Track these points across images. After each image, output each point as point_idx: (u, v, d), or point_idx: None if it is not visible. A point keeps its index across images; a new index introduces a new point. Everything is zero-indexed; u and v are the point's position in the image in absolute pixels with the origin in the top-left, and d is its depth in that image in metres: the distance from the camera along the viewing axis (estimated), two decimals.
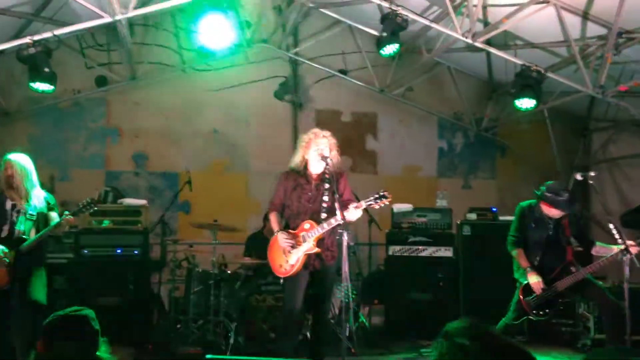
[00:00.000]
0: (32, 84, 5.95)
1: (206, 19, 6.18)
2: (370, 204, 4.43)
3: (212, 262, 6.26)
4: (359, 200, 4.62)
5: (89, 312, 2.51)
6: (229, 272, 6.54)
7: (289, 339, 4.73)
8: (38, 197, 5.09)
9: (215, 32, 6.24)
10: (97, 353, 2.38)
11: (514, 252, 5.20)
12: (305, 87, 8.97)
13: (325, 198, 4.64)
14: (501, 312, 5.28)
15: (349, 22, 8.36)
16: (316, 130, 4.85)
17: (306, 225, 4.60)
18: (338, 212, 4.34)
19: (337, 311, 6.17)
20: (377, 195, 4.41)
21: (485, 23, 6.85)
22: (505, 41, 7.24)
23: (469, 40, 6.34)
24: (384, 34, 6.35)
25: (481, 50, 6.99)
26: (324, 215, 4.60)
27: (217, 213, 7.15)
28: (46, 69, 5.82)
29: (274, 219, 4.79)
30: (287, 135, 8.81)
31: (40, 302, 4.97)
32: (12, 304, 4.93)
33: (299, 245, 4.57)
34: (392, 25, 6.21)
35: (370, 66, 8.67)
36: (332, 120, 8.94)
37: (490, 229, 6.99)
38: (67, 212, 5.01)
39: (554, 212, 5.08)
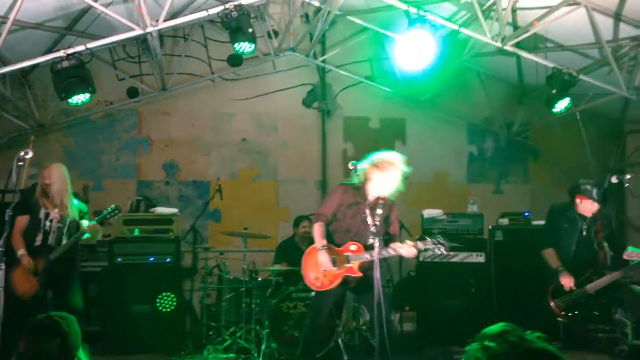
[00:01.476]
0: (70, 98, 5.96)
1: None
2: (428, 250, 4.37)
3: (242, 270, 6.30)
4: (403, 228, 4.53)
5: (71, 316, 2.60)
6: (259, 279, 6.56)
7: (313, 351, 4.68)
8: (71, 206, 5.22)
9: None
10: (78, 354, 2.45)
11: (544, 251, 5.14)
12: (333, 94, 8.99)
13: (376, 223, 4.46)
14: (534, 317, 5.20)
15: (376, 28, 8.36)
16: (401, 159, 4.52)
17: (352, 246, 4.50)
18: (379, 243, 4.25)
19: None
20: (435, 242, 4.31)
21: (515, 26, 6.78)
22: (536, 44, 7.14)
23: (499, 44, 6.28)
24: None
25: (511, 54, 6.92)
26: (370, 240, 4.44)
27: (247, 221, 7.20)
28: (81, 80, 5.91)
29: (319, 229, 4.60)
30: (316, 143, 8.84)
31: (77, 308, 5.07)
32: (47, 310, 5.06)
33: (341, 264, 4.47)
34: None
35: (398, 72, 8.65)
36: (360, 127, 8.95)
37: (523, 234, 6.89)
38: (93, 221, 5.13)
39: (587, 208, 5.02)
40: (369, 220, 4.38)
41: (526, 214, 7.18)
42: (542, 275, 5.26)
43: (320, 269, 4.51)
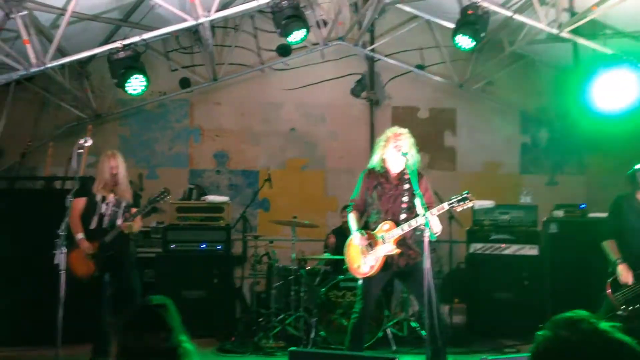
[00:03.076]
0: (126, 86, 6.07)
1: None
2: (453, 206, 4.27)
3: (291, 258, 6.35)
4: (441, 201, 4.51)
5: (167, 300, 2.33)
6: (308, 267, 6.61)
7: (359, 339, 4.69)
8: (126, 191, 5.39)
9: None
10: (183, 344, 2.29)
11: (605, 242, 4.97)
12: (381, 83, 8.92)
13: (405, 198, 4.54)
14: (590, 311, 5.05)
15: (426, 16, 8.24)
16: (394, 128, 4.78)
17: (385, 225, 4.51)
18: (419, 208, 4.23)
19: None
20: (459, 197, 4.23)
21: (572, 12, 6.55)
22: (594, 30, 6.89)
23: (555, 31, 6.09)
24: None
25: (567, 40, 6.70)
26: (403, 216, 4.52)
27: (295, 210, 7.26)
28: (137, 70, 6.05)
29: (353, 218, 4.69)
30: (364, 133, 8.80)
31: (136, 289, 5.24)
32: (105, 293, 5.25)
33: (377, 246, 4.50)
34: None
35: (449, 61, 8.50)
36: (409, 117, 8.86)
37: (579, 226, 6.70)
38: (135, 213, 5.30)
39: None
40: (396, 197, 4.53)
41: (582, 205, 6.97)
42: (600, 268, 5.09)
43: (360, 255, 4.55)
